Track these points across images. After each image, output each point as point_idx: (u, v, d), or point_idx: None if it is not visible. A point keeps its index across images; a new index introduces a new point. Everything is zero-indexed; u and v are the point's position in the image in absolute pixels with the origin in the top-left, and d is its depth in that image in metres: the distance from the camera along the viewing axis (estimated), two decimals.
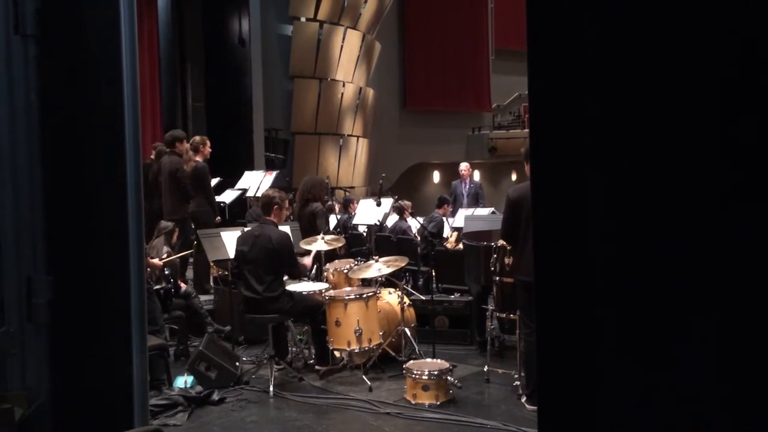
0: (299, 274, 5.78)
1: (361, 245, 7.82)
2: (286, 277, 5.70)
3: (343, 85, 14.31)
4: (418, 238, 7.98)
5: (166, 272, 5.98)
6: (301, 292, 5.68)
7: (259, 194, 8.16)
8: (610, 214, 1.49)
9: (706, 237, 1.35)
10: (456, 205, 9.84)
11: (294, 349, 5.91)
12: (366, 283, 6.02)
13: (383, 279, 5.98)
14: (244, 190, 8.99)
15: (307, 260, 5.91)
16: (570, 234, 1.56)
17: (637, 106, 1.44)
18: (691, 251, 1.37)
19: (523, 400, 4.69)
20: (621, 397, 1.49)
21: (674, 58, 1.38)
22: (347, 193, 10.43)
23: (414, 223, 8.18)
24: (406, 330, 5.64)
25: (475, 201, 10.25)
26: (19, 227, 2.18)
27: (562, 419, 1.60)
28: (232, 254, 5.84)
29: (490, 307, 5.55)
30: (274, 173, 9.12)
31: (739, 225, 1.31)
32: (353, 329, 5.32)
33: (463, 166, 10.73)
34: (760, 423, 1.31)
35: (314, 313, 5.49)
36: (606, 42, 1.47)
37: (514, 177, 20.63)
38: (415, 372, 4.80)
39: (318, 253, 6.28)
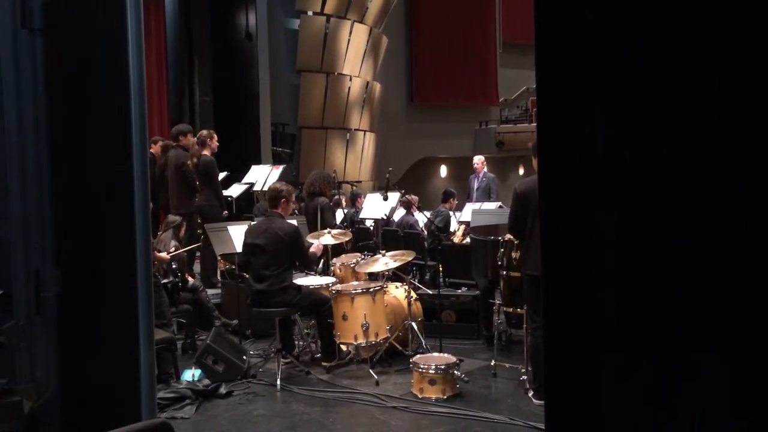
0: (310, 264, 5.81)
1: (368, 239, 7.82)
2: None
3: (350, 80, 14.29)
4: (425, 233, 7.97)
5: (174, 266, 6.00)
6: (308, 286, 5.69)
7: (266, 188, 8.16)
8: (618, 208, 1.48)
9: (712, 232, 1.34)
10: (468, 200, 9.73)
11: (301, 342, 5.92)
12: (373, 277, 6.02)
13: (390, 273, 5.97)
14: (251, 184, 8.99)
15: (314, 247, 5.86)
16: (577, 228, 1.56)
17: (642, 98, 1.43)
18: (692, 241, 1.37)
19: (530, 394, 4.68)
20: (627, 391, 1.48)
21: (680, 51, 1.37)
22: (354, 188, 10.43)
23: (421, 218, 8.17)
24: (413, 324, 5.64)
25: (486, 195, 10.05)
26: (27, 221, 2.19)
27: (570, 414, 1.60)
28: (239, 248, 5.85)
29: (497, 301, 5.54)
30: (281, 167, 9.13)
31: (743, 217, 1.30)
32: (360, 323, 5.32)
33: (476, 160, 10.51)
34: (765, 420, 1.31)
35: (321, 308, 5.50)
36: (614, 35, 1.46)
37: (521, 171, 20.57)
38: (421, 366, 4.80)
39: (325, 247, 6.28)
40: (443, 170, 20.51)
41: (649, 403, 1.45)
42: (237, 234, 6.03)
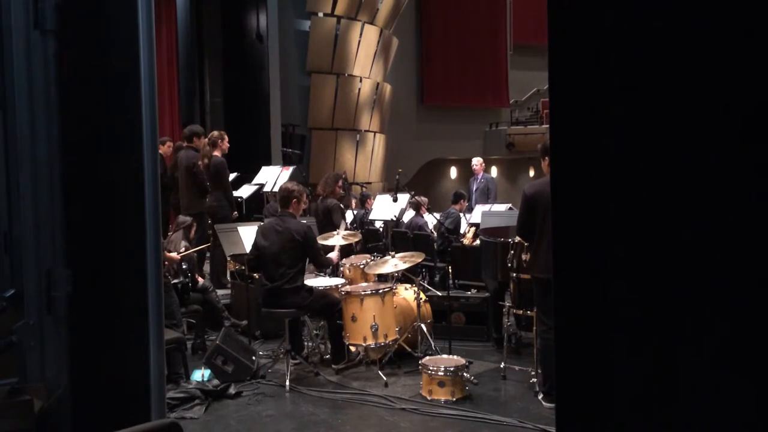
0: (324, 263, 5.79)
1: (377, 241, 7.82)
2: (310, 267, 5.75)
3: (361, 81, 14.30)
4: (435, 234, 7.96)
5: (184, 266, 6.02)
6: (318, 288, 5.70)
7: (276, 189, 8.18)
8: (631, 211, 1.47)
9: (728, 231, 1.33)
10: (468, 202, 9.79)
11: (310, 344, 5.93)
12: (382, 278, 6.02)
13: (399, 275, 5.97)
14: (261, 185, 9.02)
15: (334, 254, 5.92)
16: (590, 232, 1.55)
17: (656, 96, 1.42)
18: (707, 241, 1.36)
19: (540, 397, 4.66)
20: (640, 395, 1.47)
21: (694, 48, 1.36)
22: (364, 189, 10.44)
23: (430, 219, 8.17)
24: (422, 326, 5.63)
25: (484, 196, 10.12)
26: (38, 221, 2.20)
27: (581, 417, 1.59)
28: (249, 249, 5.86)
29: (507, 303, 5.53)
30: (291, 168, 9.14)
31: (755, 213, 1.29)
32: (369, 325, 5.32)
33: (475, 162, 10.67)
34: None
35: (331, 310, 5.50)
36: (628, 35, 1.45)
37: (531, 173, 20.52)
38: (431, 368, 4.79)
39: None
40: (453, 172, 20.49)
41: (661, 406, 1.44)
42: (247, 235, 6.04)
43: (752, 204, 1.30)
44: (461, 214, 8.73)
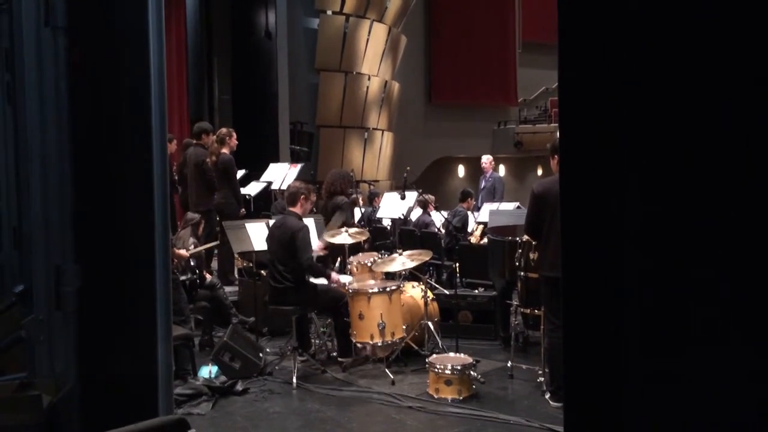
0: (310, 269, 5.42)
1: (385, 239, 7.82)
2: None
3: (369, 79, 14.29)
4: (442, 232, 7.95)
5: (192, 263, 6.04)
6: (323, 284, 5.70)
7: (284, 187, 8.20)
8: (640, 210, 1.47)
9: (737, 229, 1.33)
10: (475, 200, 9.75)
11: (317, 341, 5.93)
12: (389, 276, 6.01)
13: (407, 273, 5.96)
14: (269, 183, 9.03)
15: (317, 247, 5.86)
16: (599, 231, 1.54)
17: (665, 100, 1.41)
18: (717, 239, 1.35)
19: (547, 396, 4.65)
20: (648, 395, 1.47)
21: (702, 50, 1.35)
22: (372, 187, 10.43)
23: (438, 217, 8.16)
24: (430, 324, 5.63)
25: (491, 195, 10.06)
26: (48, 217, 2.22)
27: (589, 416, 1.59)
28: (256, 246, 5.87)
29: (515, 302, 5.52)
30: (299, 166, 9.15)
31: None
32: (376, 323, 5.32)
33: (485, 159, 10.61)
34: None
35: (336, 305, 5.50)
36: (637, 31, 1.44)
37: (539, 172, 20.46)
38: (437, 366, 4.79)
39: (343, 246, 6.28)
40: (461, 170, 20.46)
41: (669, 406, 1.44)
42: (255, 232, 6.06)
43: (756, 201, 1.29)
44: (469, 213, 8.71)
